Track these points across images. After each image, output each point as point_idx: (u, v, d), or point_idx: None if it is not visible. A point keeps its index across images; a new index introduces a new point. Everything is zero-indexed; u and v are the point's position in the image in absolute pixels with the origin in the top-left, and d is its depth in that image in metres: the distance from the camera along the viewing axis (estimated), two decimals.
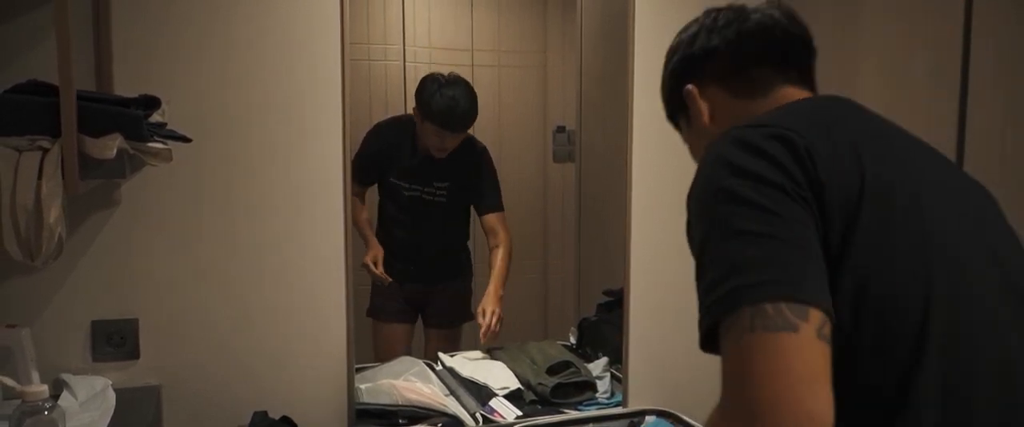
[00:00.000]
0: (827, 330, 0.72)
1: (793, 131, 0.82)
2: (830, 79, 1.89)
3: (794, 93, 1.01)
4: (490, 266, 2.45)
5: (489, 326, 2.32)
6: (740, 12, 1.06)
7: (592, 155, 2.54)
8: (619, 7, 2.06)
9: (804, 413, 0.67)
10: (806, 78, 1.05)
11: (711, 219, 0.79)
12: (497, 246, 2.45)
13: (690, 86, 1.07)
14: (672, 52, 1.13)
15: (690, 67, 1.08)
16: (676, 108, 1.13)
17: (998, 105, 1.48)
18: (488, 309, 2.35)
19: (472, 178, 2.45)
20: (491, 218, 2.47)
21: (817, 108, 0.96)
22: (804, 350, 0.69)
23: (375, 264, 2.38)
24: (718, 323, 0.74)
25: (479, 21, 2.66)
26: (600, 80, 2.45)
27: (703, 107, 1.06)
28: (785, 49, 1.04)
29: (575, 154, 2.64)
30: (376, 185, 2.43)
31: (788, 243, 0.75)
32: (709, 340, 0.77)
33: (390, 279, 2.39)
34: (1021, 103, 1.44)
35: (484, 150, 2.47)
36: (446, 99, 2.29)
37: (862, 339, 0.77)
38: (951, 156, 1.58)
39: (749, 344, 0.70)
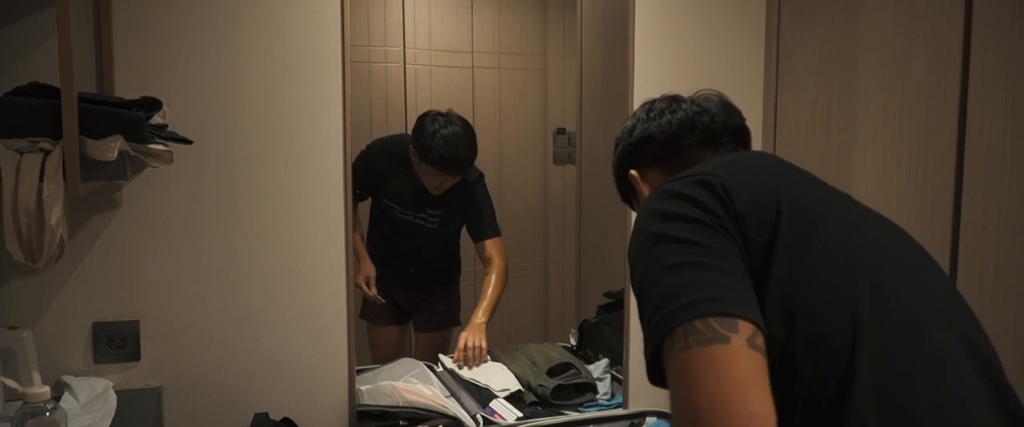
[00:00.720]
0: (759, 341, 0.75)
1: (710, 174, 0.89)
2: (830, 79, 1.90)
3: None
4: (483, 290, 2.38)
5: (466, 358, 2.19)
6: (672, 102, 1.18)
7: (592, 157, 2.54)
8: (619, 9, 2.07)
9: (745, 414, 0.69)
10: (742, 149, 1.17)
11: (645, 262, 0.86)
12: (491, 272, 2.38)
13: (633, 172, 1.19)
14: (617, 143, 1.23)
15: (631, 155, 1.20)
16: (627, 193, 1.24)
17: (998, 105, 1.49)
18: (471, 343, 2.21)
19: (467, 206, 2.40)
20: (487, 244, 2.41)
21: (737, 156, 1.06)
22: (737, 358, 0.72)
23: (368, 284, 2.35)
24: (660, 350, 0.78)
25: (479, 23, 2.66)
26: (600, 82, 2.45)
27: (645, 189, 1.17)
28: (714, 133, 1.15)
29: (575, 156, 2.64)
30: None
31: (713, 267, 0.80)
32: (655, 371, 0.80)
33: (383, 301, 2.38)
34: (1021, 103, 1.45)
35: (481, 177, 2.40)
36: (446, 144, 2.23)
37: (797, 352, 0.80)
38: (951, 157, 1.58)
39: (685, 361, 0.73)
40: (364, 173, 2.27)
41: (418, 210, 2.39)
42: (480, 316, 2.29)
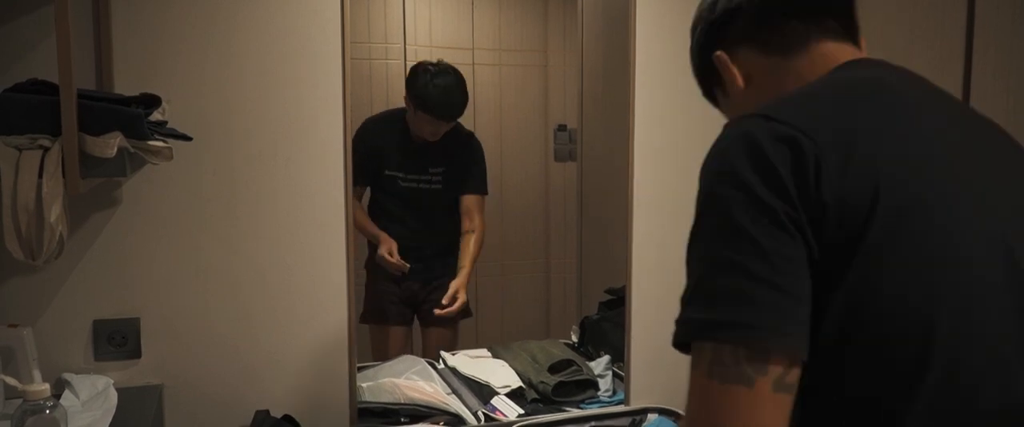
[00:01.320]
0: (791, 377, 0.71)
1: (807, 134, 0.75)
2: None
3: (832, 50, 0.93)
4: (462, 249, 2.49)
5: (450, 307, 2.40)
6: None
7: (593, 154, 2.54)
8: (620, 5, 2.06)
9: None
10: (846, 29, 0.96)
11: (701, 224, 0.77)
12: (471, 231, 2.49)
13: (719, 53, 0.99)
14: (694, 26, 1.04)
15: (715, 34, 1.00)
16: (709, 82, 1.05)
17: (999, 104, 1.48)
18: (460, 293, 2.41)
19: (465, 160, 2.50)
20: (471, 199, 2.50)
21: (851, 93, 0.85)
22: (756, 407, 0.70)
23: (391, 254, 2.40)
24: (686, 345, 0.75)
25: (480, 20, 2.66)
26: (601, 78, 2.45)
27: (735, 72, 0.98)
28: (814, 1, 0.94)
29: (576, 153, 2.64)
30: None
31: (762, 280, 0.72)
32: (681, 346, 0.78)
33: (408, 266, 2.42)
34: (1022, 103, 1.44)
35: (472, 133, 2.53)
36: (439, 90, 2.35)
37: (852, 361, 0.74)
38: None
39: (706, 391, 0.72)
40: (364, 152, 2.28)
41: (421, 172, 2.44)
42: (466, 272, 2.45)
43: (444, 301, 2.39)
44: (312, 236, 1.82)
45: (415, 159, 2.43)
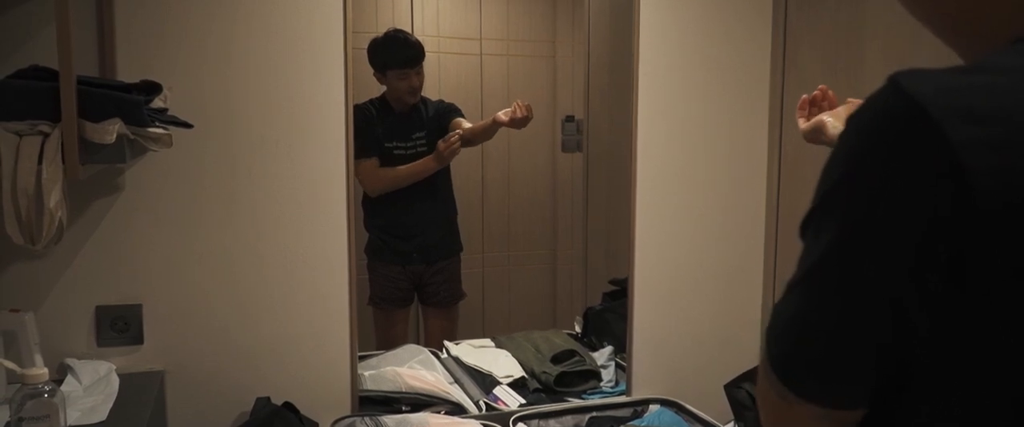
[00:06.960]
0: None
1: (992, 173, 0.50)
2: (835, 63, 1.88)
3: None
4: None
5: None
6: None
7: (600, 145, 2.53)
8: None
9: None
10: None
11: (823, 219, 0.59)
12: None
13: None
14: None
15: None
16: None
17: None
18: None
19: (440, 115, 2.51)
20: (457, 121, 2.51)
21: None
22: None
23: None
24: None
25: (488, 10, 2.65)
26: (608, 69, 2.44)
27: None
28: None
29: (584, 144, 2.63)
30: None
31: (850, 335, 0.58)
32: None
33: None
34: None
35: (441, 99, 2.54)
36: (394, 40, 2.40)
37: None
38: None
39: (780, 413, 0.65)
40: (363, 126, 2.31)
41: (406, 139, 2.46)
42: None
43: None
44: (314, 221, 1.83)
45: (399, 128, 2.45)
